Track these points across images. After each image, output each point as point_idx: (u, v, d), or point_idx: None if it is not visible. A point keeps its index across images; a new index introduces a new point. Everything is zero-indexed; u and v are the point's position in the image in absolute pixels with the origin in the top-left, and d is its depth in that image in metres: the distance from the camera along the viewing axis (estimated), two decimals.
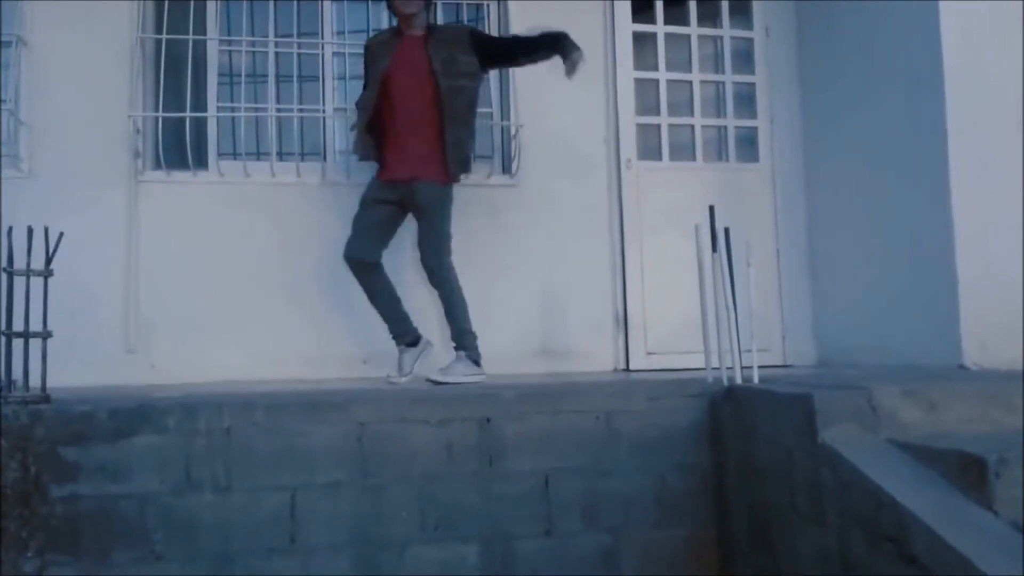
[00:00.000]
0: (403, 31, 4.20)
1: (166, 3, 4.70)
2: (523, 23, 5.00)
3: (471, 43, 4.14)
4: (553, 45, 4.10)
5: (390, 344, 4.24)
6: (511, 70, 4.95)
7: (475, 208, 4.89)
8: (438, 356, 4.25)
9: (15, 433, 2.90)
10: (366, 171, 4.43)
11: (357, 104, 4.27)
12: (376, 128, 4.16)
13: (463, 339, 4.09)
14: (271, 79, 4.82)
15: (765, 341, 4.55)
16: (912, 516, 2.28)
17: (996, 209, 4.12)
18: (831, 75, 5.09)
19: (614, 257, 5.10)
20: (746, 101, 5.42)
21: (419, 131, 4.09)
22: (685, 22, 5.34)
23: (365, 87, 4.25)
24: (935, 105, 4.19)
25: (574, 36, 5.04)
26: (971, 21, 4.20)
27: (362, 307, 4.23)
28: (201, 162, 4.71)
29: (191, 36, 4.67)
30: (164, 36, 4.64)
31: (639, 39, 5.27)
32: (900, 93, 4.46)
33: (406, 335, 4.22)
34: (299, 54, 4.86)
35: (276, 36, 4.86)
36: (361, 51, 4.43)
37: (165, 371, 4.47)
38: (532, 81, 4.97)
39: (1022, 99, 4.19)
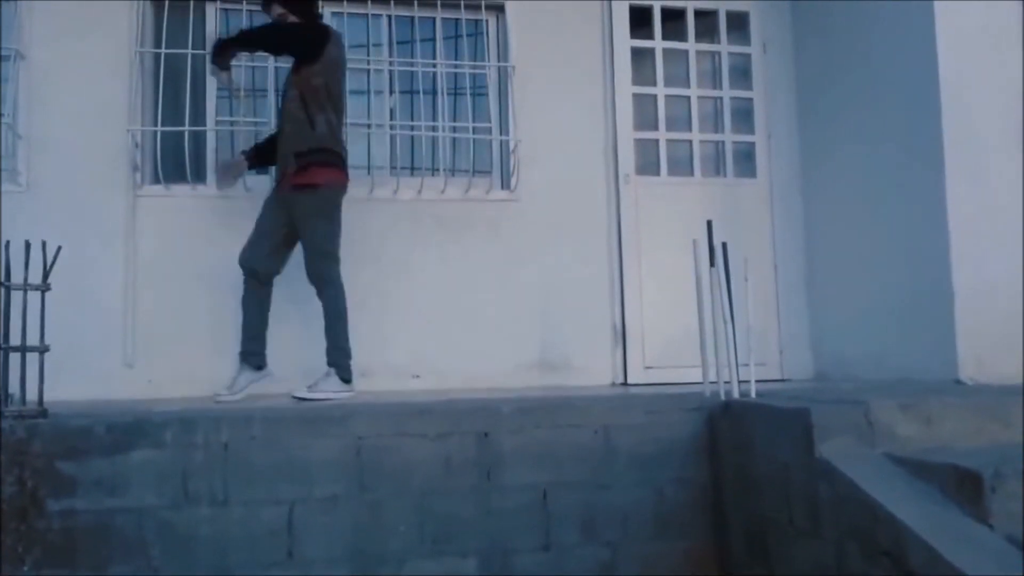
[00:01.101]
0: None
1: (165, 17, 4.71)
2: (522, 37, 5.05)
3: None
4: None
5: (389, 355, 4.22)
6: (511, 85, 5.01)
7: (474, 222, 4.92)
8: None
9: (12, 447, 2.90)
10: (364, 183, 4.43)
11: None
12: None
13: (333, 355, 4.00)
14: (270, 93, 4.83)
15: (762, 355, 4.55)
16: (908, 530, 2.29)
17: (993, 223, 4.14)
18: (828, 90, 5.11)
19: (612, 271, 5.10)
20: (744, 116, 5.44)
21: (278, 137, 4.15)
22: (683, 38, 5.36)
23: None
24: (931, 119, 4.21)
25: (573, 50, 5.14)
26: (967, 34, 4.23)
27: (359, 320, 4.21)
28: (200, 176, 4.71)
29: (190, 50, 4.68)
30: (163, 50, 4.66)
31: (637, 54, 5.29)
32: (897, 107, 4.48)
33: (256, 357, 4.13)
34: None
35: None
36: (359, 64, 4.42)
37: (163, 385, 4.45)
38: (531, 96, 5.00)
39: (1021, 111, 4.22)
